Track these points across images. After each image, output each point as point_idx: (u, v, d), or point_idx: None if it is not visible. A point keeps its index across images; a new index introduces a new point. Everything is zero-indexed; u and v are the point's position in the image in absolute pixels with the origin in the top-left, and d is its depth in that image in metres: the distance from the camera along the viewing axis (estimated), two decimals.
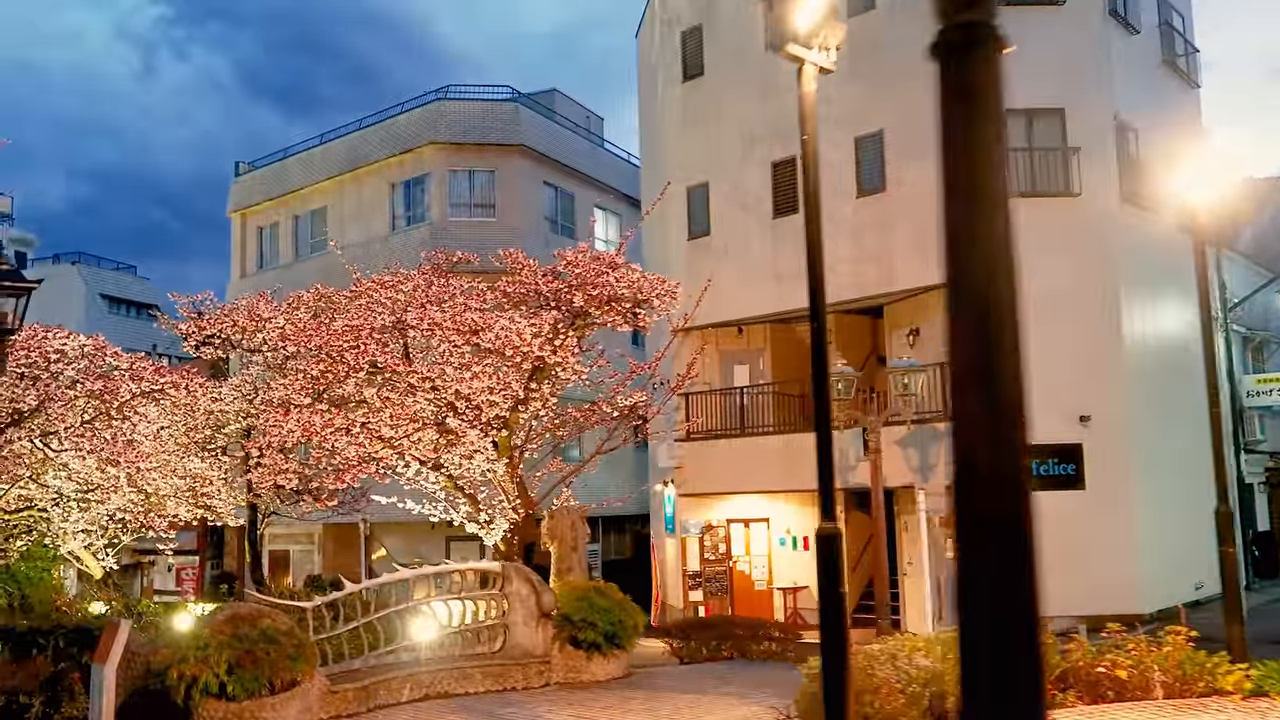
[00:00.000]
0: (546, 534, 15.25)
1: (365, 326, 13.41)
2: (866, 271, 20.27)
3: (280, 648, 10.97)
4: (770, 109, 22.06)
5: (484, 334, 13.08)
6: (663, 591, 23.18)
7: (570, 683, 13.28)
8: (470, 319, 13.27)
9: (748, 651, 15.88)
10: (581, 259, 14.02)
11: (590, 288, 13.76)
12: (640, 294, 14.01)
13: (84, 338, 14.77)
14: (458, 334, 13.13)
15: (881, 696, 6.90)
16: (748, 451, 21.90)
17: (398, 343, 14.36)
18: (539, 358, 13.35)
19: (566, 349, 13.60)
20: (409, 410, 13.14)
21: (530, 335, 13.19)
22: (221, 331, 15.03)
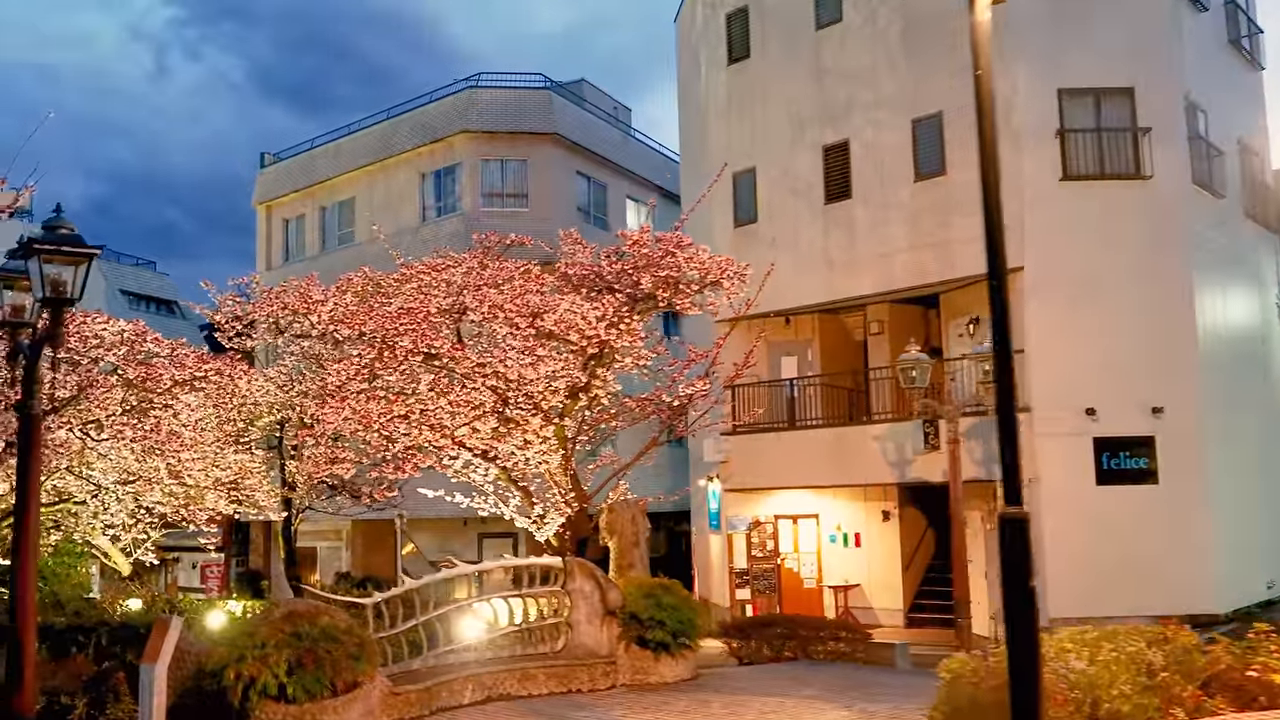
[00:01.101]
0: (605, 528, 14.59)
1: (420, 310, 12.76)
2: (924, 258, 19.53)
3: (342, 647, 10.32)
4: (821, 91, 21.36)
5: (546, 317, 12.41)
6: (705, 589, 22.49)
7: (637, 684, 12.60)
8: (531, 301, 12.60)
9: (811, 652, 15.18)
10: (646, 239, 13.34)
11: (656, 269, 13.09)
12: (709, 276, 13.34)
13: (123, 323, 14.16)
14: (520, 317, 12.46)
15: (1057, 705, 6.20)
16: (797, 445, 21.20)
17: (450, 328, 13.69)
18: (603, 342, 12.68)
19: (632, 332, 12.93)
20: (469, 397, 12.49)
21: (594, 318, 12.51)
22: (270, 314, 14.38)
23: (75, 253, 7.09)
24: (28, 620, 7.26)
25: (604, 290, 13.66)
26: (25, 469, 7.37)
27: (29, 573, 7.31)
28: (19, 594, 7.26)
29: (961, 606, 15.23)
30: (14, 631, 7.23)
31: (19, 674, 7.19)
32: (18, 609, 7.23)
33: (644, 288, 13.10)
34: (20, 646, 7.21)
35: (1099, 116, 18.51)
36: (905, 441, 19.36)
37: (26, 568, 7.29)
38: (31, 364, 7.41)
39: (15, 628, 7.22)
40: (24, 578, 7.29)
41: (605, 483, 15.93)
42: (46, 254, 7.00)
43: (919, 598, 21.33)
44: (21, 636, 7.23)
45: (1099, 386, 17.73)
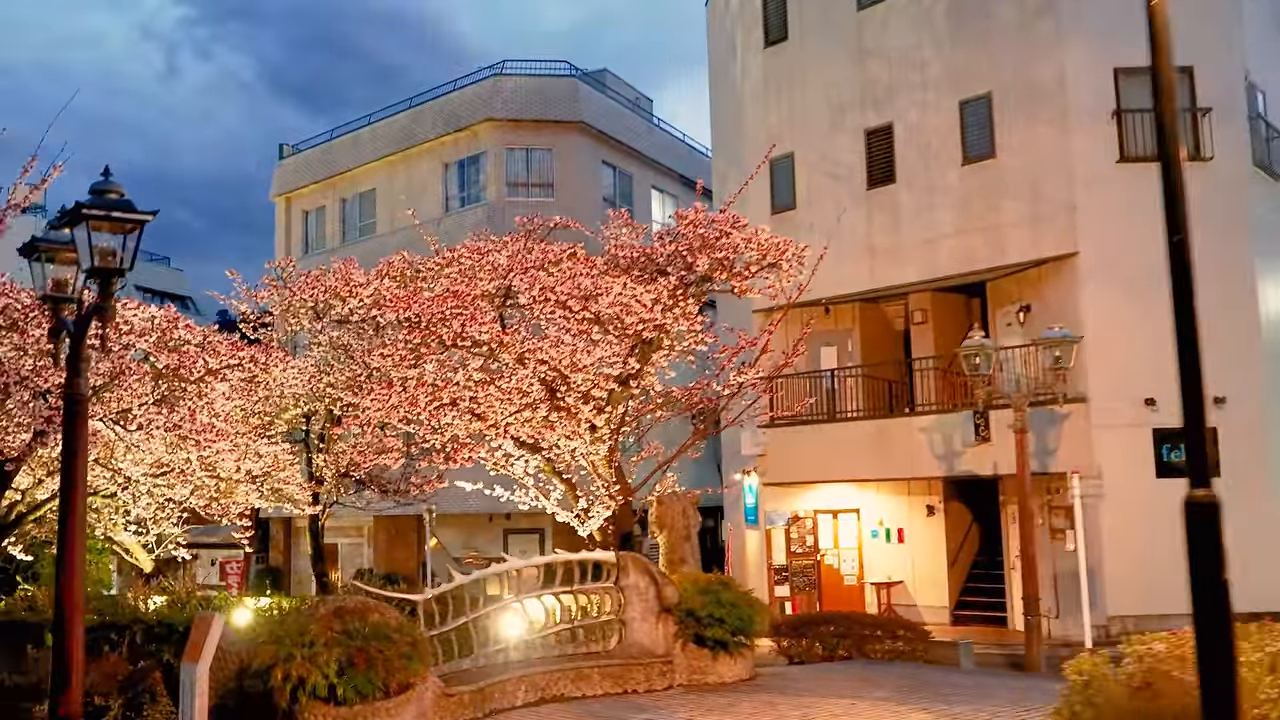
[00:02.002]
0: (655, 522, 14.02)
1: (468, 293, 12.20)
2: (973, 244, 18.93)
3: (394, 646, 9.78)
4: (863, 74, 20.76)
5: (600, 299, 11.83)
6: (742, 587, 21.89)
7: (695, 685, 12.04)
8: (582, 283, 12.02)
9: (867, 651, 14.60)
10: (702, 219, 12.76)
11: (712, 250, 12.51)
12: (767, 257, 12.75)
13: (154, 309, 13.62)
14: (573, 299, 11.88)
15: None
16: (837, 438, 20.60)
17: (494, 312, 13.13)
18: (659, 326, 12.10)
19: (688, 316, 12.36)
20: (521, 384, 11.92)
21: (649, 301, 11.93)
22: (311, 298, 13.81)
23: (126, 219, 6.53)
24: (75, 619, 6.72)
25: (655, 273, 13.09)
26: (71, 456, 6.83)
27: (76, 568, 6.77)
28: (65, 591, 6.72)
29: (1031, 604, 14.59)
30: (60, 631, 6.69)
31: (65, 675, 6.65)
32: (64, 607, 6.69)
33: (699, 269, 12.53)
34: (67, 647, 6.67)
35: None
36: (954, 433, 18.74)
37: (74, 563, 6.76)
38: (78, 341, 6.86)
39: (62, 627, 6.68)
40: (70, 574, 6.75)
41: (650, 475, 15.36)
42: (95, 220, 6.45)
43: (964, 595, 20.72)
44: (68, 636, 6.69)
45: (1159, 376, 16.98)
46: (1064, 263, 17.99)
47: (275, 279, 15.58)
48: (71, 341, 6.92)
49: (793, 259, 12.98)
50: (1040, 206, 18.02)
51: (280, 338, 19.51)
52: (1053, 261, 18.18)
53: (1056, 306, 18.06)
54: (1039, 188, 18.07)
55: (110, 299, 6.61)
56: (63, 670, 6.65)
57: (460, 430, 12.03)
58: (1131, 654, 6.51)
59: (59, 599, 6.75)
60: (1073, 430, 17.16)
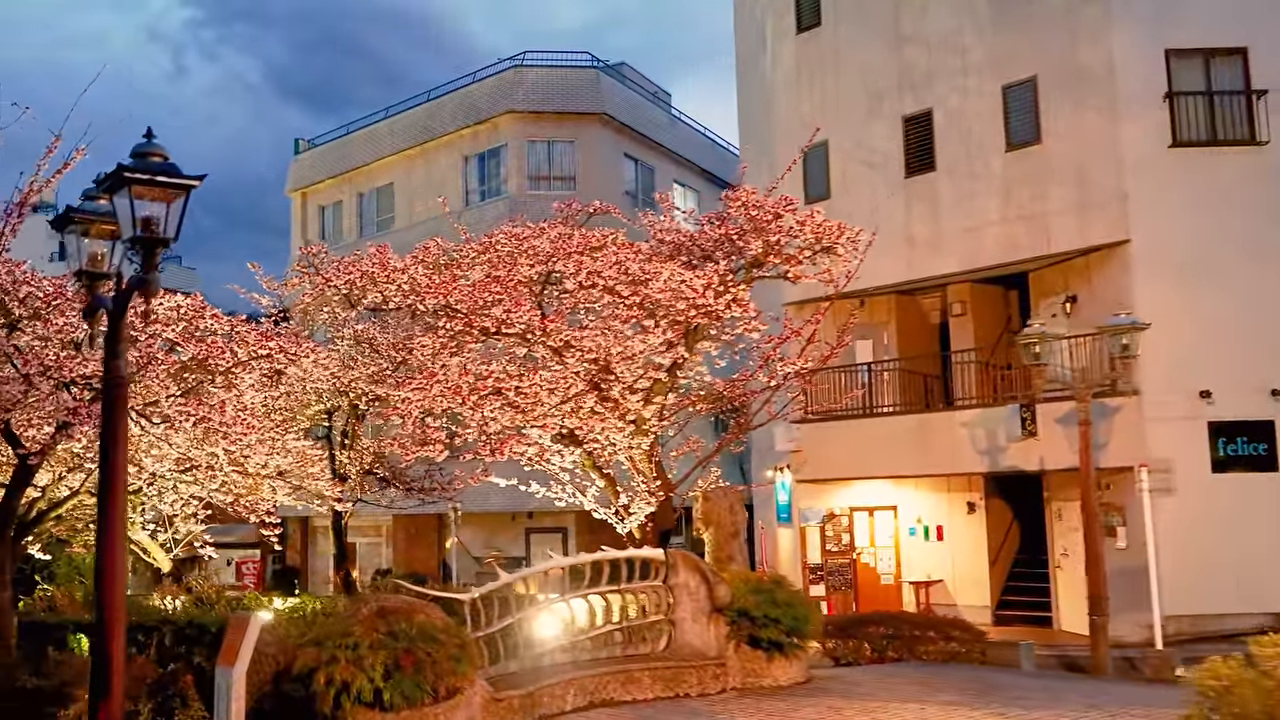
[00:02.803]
0: (701, 518, 13.50)
1: (510, 279, 11.67)
2: (1017, 232, 18.35)
3: (442, 648, 9.25)
4: (900, 59, 20.19)
5: (650, 284, 11.29)
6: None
7: (749, 688, 11.49)
8: (630, 268, 11.49)
9: (919, 653, 14.05)
10: (752, 200, 12.21)
11: (765, 233, 11.96)
12: (823, 240, 12.20)
13: (180, 297, 13.10)
14: (622, 284, 11.35)
15: None
16: (874, 433, 20.03)
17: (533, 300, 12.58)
18: (711, 312, 11.56)
19: (741, 303, 11.82)
20: (568, 373, 11.39)
21: (700, 286, 11.39)
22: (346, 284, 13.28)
23: (172, 183, 6.02)
24: (116, 621, 6.20)
25: (702, 259, 12.55)
26: (111, 445, 6.32)
27: (116, 568, 6.25)
28: (105, 592, 6.21)
29: (1098, 604, 13.98)
30: (101, 633, 6.17)
31: (106, 681, 6.14)
32: (104, 608, 6.17)
33: (752, 252, 11.98)
34: (107, 651, 6.15)
35: (1209, 79, 17.30)
36: (998, 428, 18.17)
37: (113, 561, 6.24)
38: (117, 318, 6.35)
39: (102, 629, 6.16)
40: (110, 573, 6.24)
41: (691, 470, 14.82)
42: (138, 185, 5.93)
43: (1005, 594, 20.13)
44: (108, 639, 6.17)
45: (1213, 367, 16.54)
46: (1113, 251, 17.41)
47: (306, 265, 15.07)
48: (110, 320, 6.41)
49: (848, 243, 12.43)
50: (1089, 193, 17.44)
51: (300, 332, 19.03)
52: (1102, 250, 17.60)
53: (1105, 296, 17.48)
54: (1087, 174, 17.49)
55: (154, 271, 6.09)
56: (103, 675, 6.13)
57: (505, 421, 11.49)
58: (1264, 656, 5.95)
59: (98, 600, 6.24)
60: (1124, 424, 16.58)
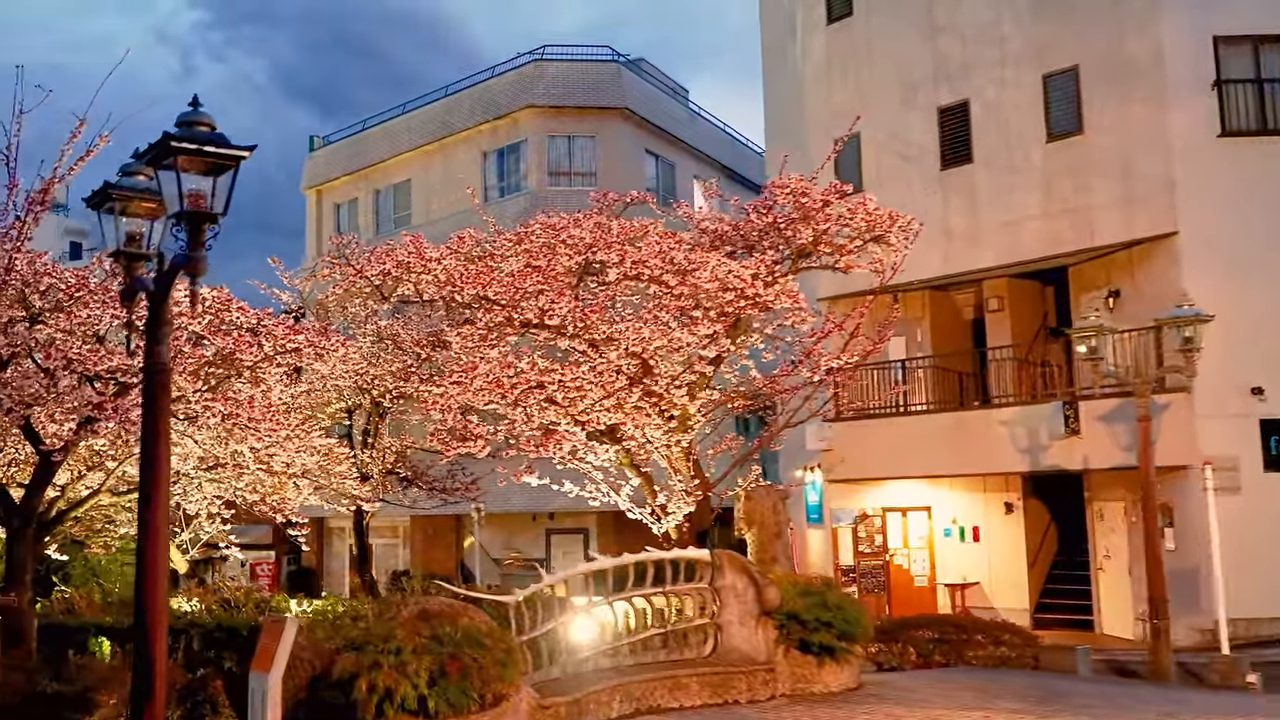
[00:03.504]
0: (743, 518, 13.06)
1: (550, 269, 11.23)
2: (1058, 226, 17.86)
3: (488, 653, 8.81)
4: (935, 49, 19.72)
5: (699, 273, 10.85)
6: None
7: (800, 694, 11.04)
8: (675, 257, 11.05)
9: (968, 657, 13.58)
10: (800, 187, 11.76)
11: (815, 221, 11.51)
12: (876, 228, 11.75)
13: (206, 289, 12.68)
14: (669, 274, 10.91)
15: None
16: (908, 432, 19.55)
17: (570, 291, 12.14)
18: (761, 303, 11.12)
19: (790, 293, 11.37)
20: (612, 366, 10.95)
21: (749, 276, 10.94)
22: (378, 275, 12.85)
23: (222, 154, 5.58)
24: (158, 623, 5.77)
25: (745, 249, 12.10)
26: (153, 437, 5.89)
27: (158, 567, 5.82)
28: (147, 592, 5.78)
29: (1160, 607, 13.46)
30: (142, 636, 5.74)
31: (149, 686, 5.71)
32: (146, 609, 5.74)
33: (802, 240, 11.53)
34: (149, 654, 5.72)
35: (1259, 66, 16.80)
36: (1039, 426, 17.67)
37: (155, 560, 5.81)
38: (159, 299, 5.93)
39: (144, 631, 5.73)
40: (152, 573, 5.81)
41: (730, 468, 14.38)
42: (186, 155, 5.50)
43: (1044, 597, 19.63)
44: (150, 642, 5.74)
45: (1266, 363, 16.04)
46: (1159, 244, 16.92)
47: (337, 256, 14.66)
48: (151, 303, 6.00)
49: (900, 231, 11.97)
50: (1134, 185, 16.95)
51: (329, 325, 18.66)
52: (1147, 243, 17.11)
53: (1151, 290, 17.00)
54: (1132, 165, 17.00)
55: (201, 249, 5.66)
56: (146, 680, 5.71)
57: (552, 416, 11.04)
58: None
59: (139, 600, 5.81)
60: (1174, 422, 16.08)
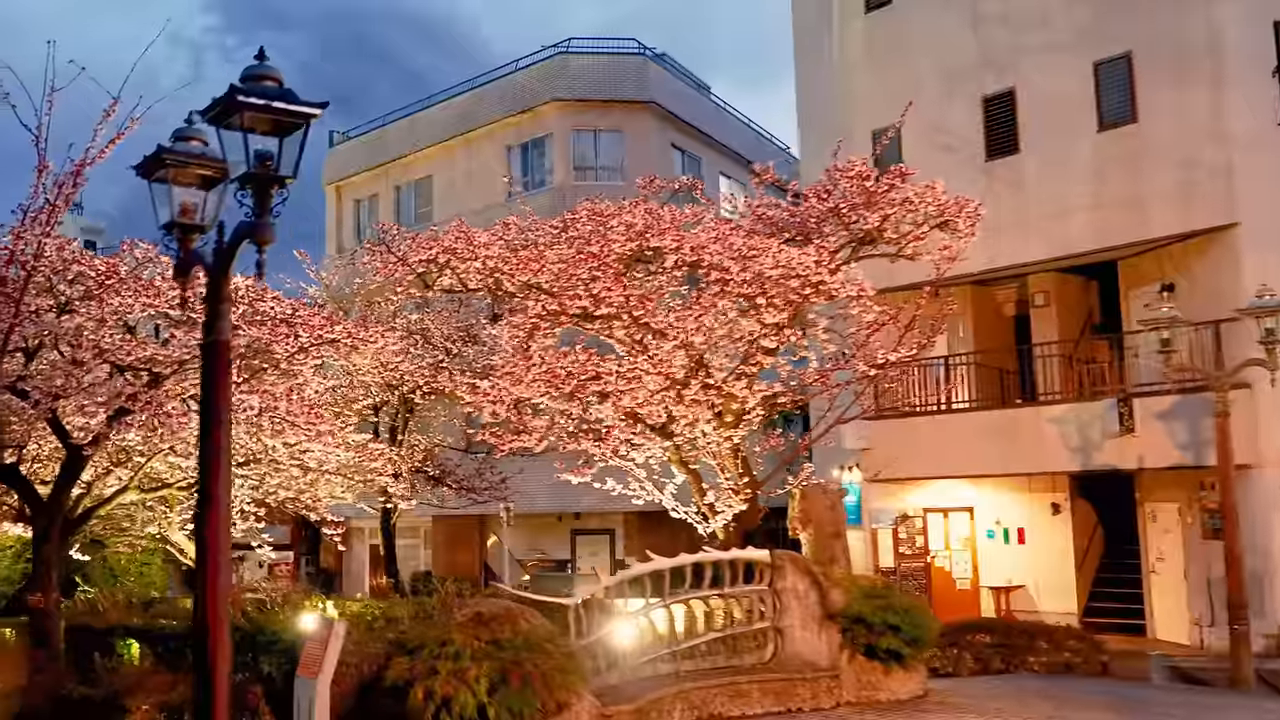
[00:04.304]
0: (798, 518, 12.49)
1: (604, 255, 10.71)
2: (1110, 217, 17.27)
3: (549, 659, 8.32)
4: (979, 37, 19.16)
5: (760, 260, 10.33)
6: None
7: (866, 702, 10.51)
8: (735, 243, 10.53)
9: (1030, 664, 13.03)
10: (866, 170, 11.24)
11: (879, 206, 10.99)
12: (945, 213, 11.22)
13: (239, 278, 12.19)
14: (731, 259, 10.40)
15: None
16: (950, 430, 18.98)
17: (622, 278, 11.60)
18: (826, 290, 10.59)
19: (853, 281, 10.84)
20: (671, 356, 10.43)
21: (812, 263, 10.42)
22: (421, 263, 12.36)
23: (292, 111, 5.09)
24: (219, 625, 5.26)
25: (806, 236, 11.58)
26: (213, 421, 5.39)
27: (219, 564, 5.32)
28: (207, 591, 5.27)
29: (1239, 612, 12.86)
30: (203, 640, 5.23)
31: (210, 696, 5.20)
32: (207, 610, 5.23)
33: (867, 226, 11.00)
34: (210, 660, 5.21)
35: None
36: (1090, 424, 17.10)
37: (215, 556, 5.30)
38: (219, 270, 5.42)
39: (204, 634, 5.22)
40: (212, 571, 5.30)
41: (779, 466, 13.86)
42: (253, 112, 5.00)
43: (1092, 600, 19.03)
44: (211, 647, 5.23)
45: None
46: (1218, 235, 16.34)
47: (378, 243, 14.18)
48: (210, 274, 5.49)
49: (968, 218, 11.43)
50: (1191, 174, 16.38)
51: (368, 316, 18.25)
52: (1204, 235, 16.53)
53: (1208, 283, 16.44)
54: (1189, 154, 16.42)
55: (268, 215, 5.15)
56: (206, 689, 5.20)
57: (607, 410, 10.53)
58: None
59: (200, 600, 5.30)
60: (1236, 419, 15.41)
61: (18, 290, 10.53)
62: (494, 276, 11.42)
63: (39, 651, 12.03)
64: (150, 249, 12.08)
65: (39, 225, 10.66)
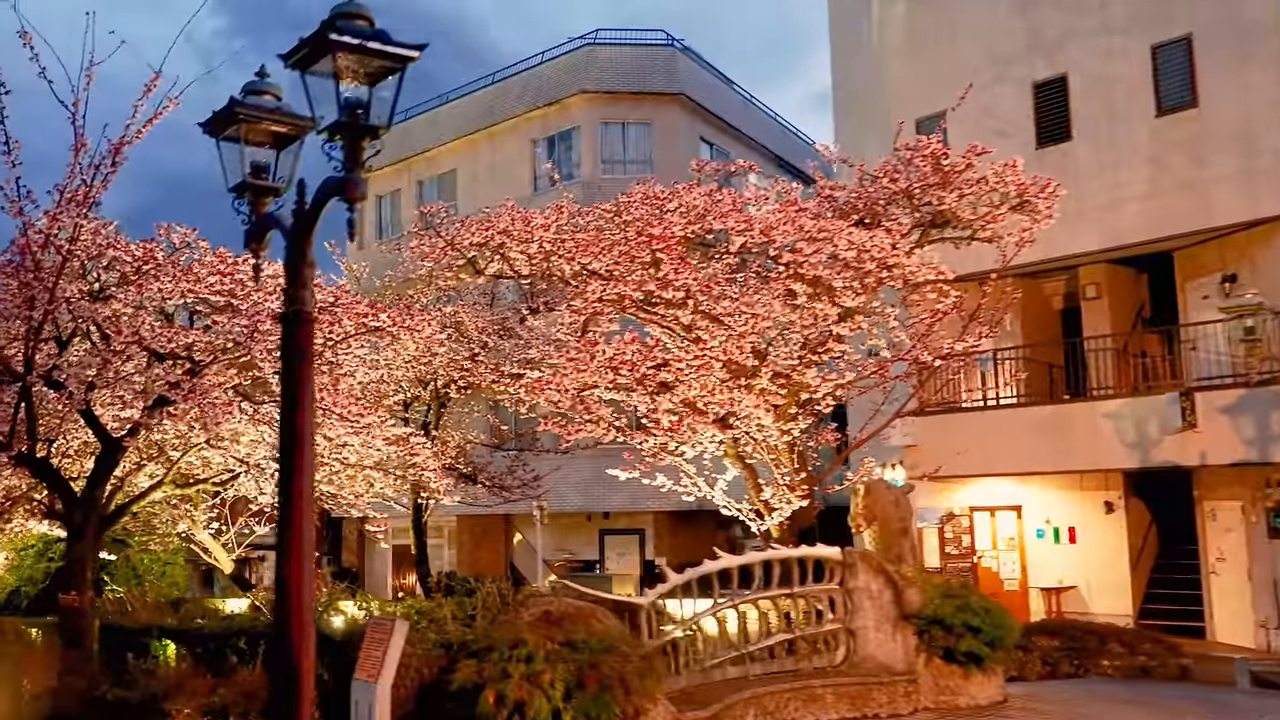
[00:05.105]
0: (861, 514, 11.95)
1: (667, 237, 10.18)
2: (1170, 205, 16.70)
3: (625, 661, 7.80)
4: (1028, 21, 18.62)
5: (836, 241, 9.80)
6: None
7: (945, 707, 9.98)
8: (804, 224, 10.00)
9: (1102, 667, 12.47)
10: (939, 149, 10.72)
11: (955, 186, 10.46)
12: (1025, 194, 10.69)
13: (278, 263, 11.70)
14: (805, 241, 9.87)
15: None
16: (998, 426, 18.42)
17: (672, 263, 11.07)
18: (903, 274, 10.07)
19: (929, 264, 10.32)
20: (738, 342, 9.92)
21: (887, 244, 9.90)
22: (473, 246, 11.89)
23: (389, 53, 4.58)
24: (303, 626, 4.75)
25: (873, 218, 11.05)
26: (295, 404, 4.89)
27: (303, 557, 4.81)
28: (290, 587, 4.76)
29: None
30: (284, 642, 4.72)
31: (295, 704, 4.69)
32: (290, 609, 4.72)
33: (941, 208, 10.46)
34: (294, 664, 4.70)
35: None
36: (1148, 419, 16.51)
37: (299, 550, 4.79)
38: (304, 232, 4.93)
39: (286, 636, 4.72)
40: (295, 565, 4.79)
41: (836, 462, 13.33)
42: (348, 52, 4.48)
43: (1147, 602, 18.44)
44: (295, 649, 4.72)
45: None
46: None
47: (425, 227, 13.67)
48: (291, 238, 4.99)
49: (1049, 198, 10.89)
50: (1256, 160, 15.81)
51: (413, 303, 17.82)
52: (1270, 222, 15.95)
53: (1272, 273, 15.87)
54: (1254, 138, 15.86)
55: (360, 169, 4.65)
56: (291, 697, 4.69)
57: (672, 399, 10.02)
58: None
59: (281, 597, 4.80)
60: None
61: (53, 276, 10.08)
62: (549, 260, 10.92)
63: (71, 652, 11.55)
64: (188, 233, 11.63)
65: (75, 206, 10.21)
